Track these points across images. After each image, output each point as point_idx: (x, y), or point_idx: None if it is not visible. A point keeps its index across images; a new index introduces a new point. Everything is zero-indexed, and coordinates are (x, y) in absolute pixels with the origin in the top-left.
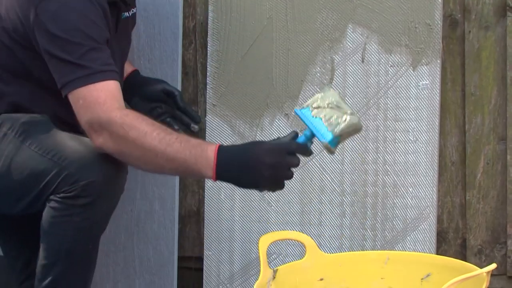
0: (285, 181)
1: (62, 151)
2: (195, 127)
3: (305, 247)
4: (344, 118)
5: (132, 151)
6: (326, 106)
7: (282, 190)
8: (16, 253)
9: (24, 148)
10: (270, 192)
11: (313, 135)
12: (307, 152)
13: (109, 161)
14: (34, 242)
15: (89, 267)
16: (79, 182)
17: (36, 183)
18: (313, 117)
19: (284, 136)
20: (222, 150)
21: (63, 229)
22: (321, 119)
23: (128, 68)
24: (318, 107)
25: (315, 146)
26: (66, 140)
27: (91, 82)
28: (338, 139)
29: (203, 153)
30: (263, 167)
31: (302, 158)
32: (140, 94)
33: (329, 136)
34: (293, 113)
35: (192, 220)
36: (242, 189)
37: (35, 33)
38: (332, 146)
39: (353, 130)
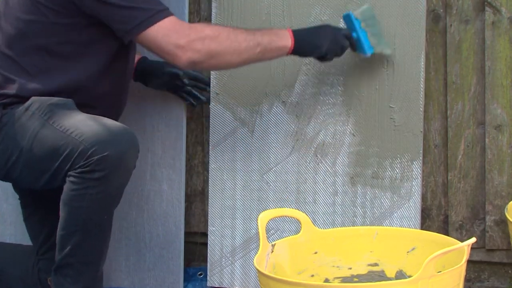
0: (283, 163)
1: (80, 128)
2: (203, 99)
3: (300, 223)
4: (381, 46)
5: (227, 47)
6: (370, 25)
7: (280, 171)
8: (39, 227)
9: (47, 126)
10: (273, 165)
11: (358, 40)
12: (352, 44)
13: (121, 138)
14: (55, 216)
15: (104, 238)
16: (93, 156)
17: (55, 157)
18: (361, 28)
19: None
20: (294, 30)
21: (80, 201)
22: (366, 33)
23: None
24: (364, 21)
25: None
26: (85, 120)
27: (165, 16)
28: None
29: (280, 31)
30: (326, 35)
31: (293, 142)
32: (152, 83)
33: (370, 52)
34: (289, 100)
35: (197, 199)
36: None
37: None
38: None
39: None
